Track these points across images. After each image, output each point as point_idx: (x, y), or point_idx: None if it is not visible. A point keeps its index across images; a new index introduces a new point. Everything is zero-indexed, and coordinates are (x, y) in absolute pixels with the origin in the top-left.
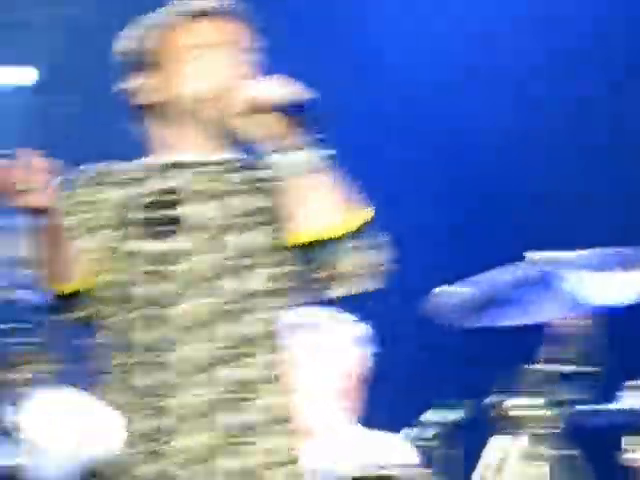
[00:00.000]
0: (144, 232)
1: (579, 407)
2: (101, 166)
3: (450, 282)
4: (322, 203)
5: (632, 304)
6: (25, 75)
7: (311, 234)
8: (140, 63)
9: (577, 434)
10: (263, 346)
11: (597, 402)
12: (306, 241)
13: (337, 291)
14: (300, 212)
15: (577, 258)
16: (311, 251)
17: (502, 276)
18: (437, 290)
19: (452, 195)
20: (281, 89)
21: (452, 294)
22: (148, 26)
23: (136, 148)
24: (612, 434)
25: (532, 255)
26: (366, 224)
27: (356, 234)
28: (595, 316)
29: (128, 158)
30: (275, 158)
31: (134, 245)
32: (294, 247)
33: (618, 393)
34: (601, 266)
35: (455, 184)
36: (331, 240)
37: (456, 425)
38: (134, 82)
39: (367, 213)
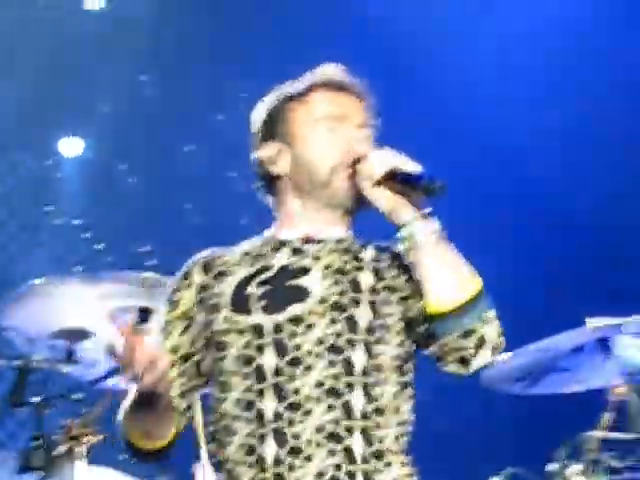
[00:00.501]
0: (269, 304)
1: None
2: (216, 251)
3: (507, 350)
4: (449, 272)
5: None
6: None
7: (442, 305)
8: (270, 134)
9: None
10: (390, 419)
11: None
12: (438, 312)
13: (478, 362)
14: (430, 283)
15: (634, 324)
16: (443, 322)
17: (560, 343)
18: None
19: (512, 260)
20: (402, 160)
21: (508, 362)
22: (278, 98)
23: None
24: None
25: (592, 321)
26: (482, 292)
27: (477, 302)
28: None
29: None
30: (401, 232)
31: (259, 317)
32: (426, 319)
33: None
34: None
35: (514, 248)
36: (461, 310)
37: None
38: (264, 152)
39: (480, 280)
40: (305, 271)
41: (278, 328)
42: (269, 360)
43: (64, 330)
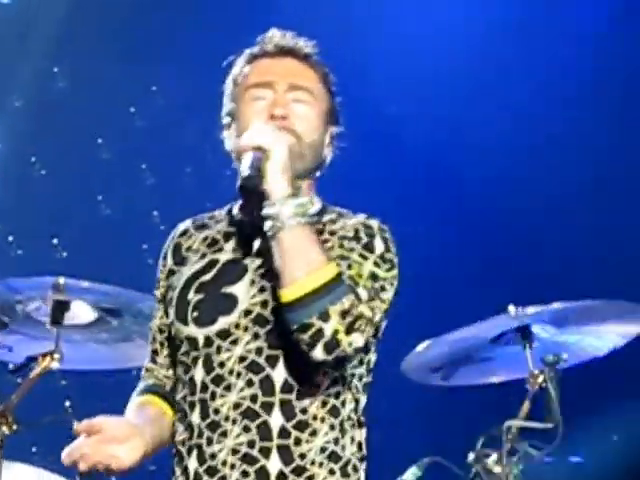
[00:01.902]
0: (200, 315)
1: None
2: (190, 227)
3: (427, 338)
4: (293, 261)
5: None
6: None
7: (285, 294)
8: (226, 111)
9: None
10: (317, 428)
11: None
12: (282, 301)
13: (316, 356)
14: (286, 267)
15: (553, 312)
16: (286, 312)
17: (480, 331)
18: (416, 349)
19: (432, 245)
20: (250, 141)
21: (427, 352)
22: (228, 76)
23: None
24: None
25: (513, 308)
26: (337, 278)
27: (319, 296)
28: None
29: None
30: (266, 210)
31: (193, 330)
32: (283, 306)
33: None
34: (572, 320)
35: (437, 234)
36: (300, 302)
37: None
38: (224, 131)
39: (336, 267)
40: (242, 272)
41: (208, 342)
42: (198, 374)
43: None
